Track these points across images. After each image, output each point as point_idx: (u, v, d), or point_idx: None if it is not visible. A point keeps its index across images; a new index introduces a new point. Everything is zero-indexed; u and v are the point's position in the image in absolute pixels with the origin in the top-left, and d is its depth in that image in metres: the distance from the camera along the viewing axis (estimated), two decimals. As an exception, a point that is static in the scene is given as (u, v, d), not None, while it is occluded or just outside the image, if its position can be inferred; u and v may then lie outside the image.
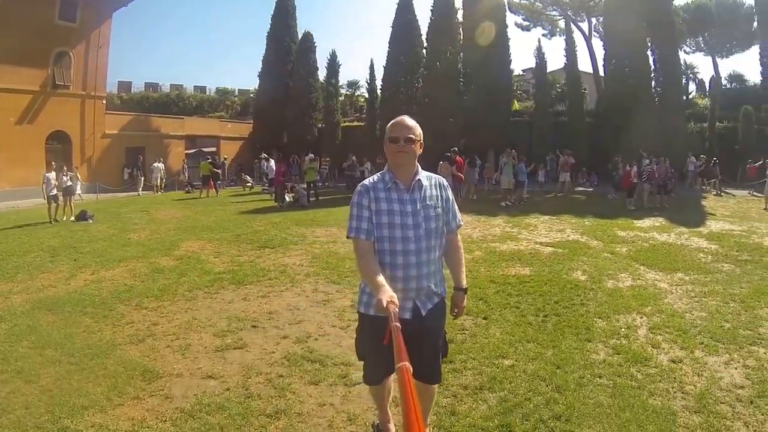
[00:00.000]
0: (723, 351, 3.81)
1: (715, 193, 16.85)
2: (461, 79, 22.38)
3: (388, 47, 23.35)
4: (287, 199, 13.27)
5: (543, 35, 29.75)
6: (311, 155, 16.42)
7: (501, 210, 12.14)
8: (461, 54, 22.47)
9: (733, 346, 3.89)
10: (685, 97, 24.67)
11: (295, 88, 24.61)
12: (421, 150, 2.13)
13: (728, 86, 30.98)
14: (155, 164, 20.09)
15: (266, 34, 26.11)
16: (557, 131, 21.22)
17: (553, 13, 28.89)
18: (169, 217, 11.94)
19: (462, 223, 2.29)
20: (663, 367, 3.54)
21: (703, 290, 5.36)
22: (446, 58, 21.88)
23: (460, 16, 22.73)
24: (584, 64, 25.08)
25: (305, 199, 13.38)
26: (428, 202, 2.08)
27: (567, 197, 15.14)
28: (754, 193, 15.94)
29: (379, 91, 24.23)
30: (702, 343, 3.94)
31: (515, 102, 26.16)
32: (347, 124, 27.43)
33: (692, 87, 32.08)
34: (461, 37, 22.57)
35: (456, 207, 2.24)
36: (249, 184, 20.69)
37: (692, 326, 4.31)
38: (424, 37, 23.01)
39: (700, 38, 29.09)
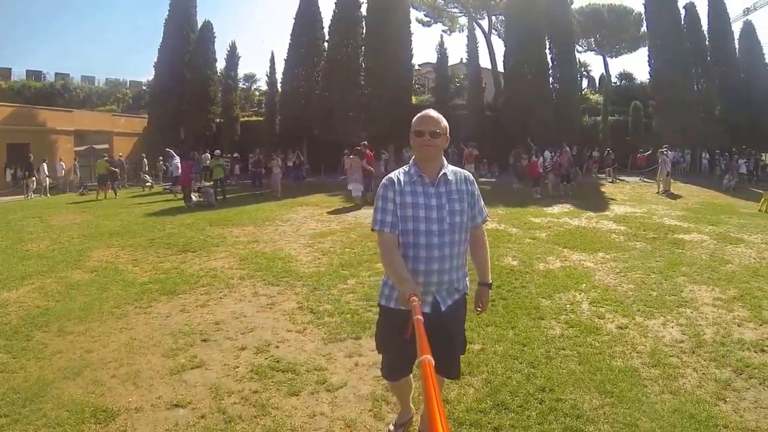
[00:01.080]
0: (658, 315, 4.58)
1: (610, 180, 19.99)
2: (362, 73, 23.18)
3: (290, 40, 23.77)
4: (194, 198, 13.21)
5: (443, 31, 32.31)
6: (217, 151, 16.38)
7: None
8: (363, 48, 23.34)
9: (664, 310, 4.69)
10: (579, 93, 28.60)
11: (193, 81, 24.35)
12: (447, 144, 2.23)
13: (618, 83, 37.00)
14: (44, 164, 18.64)
15: (164, 21, 25.60)
16: (458, 125, 23.10)
17: (454, 9, 31.61)
18: (68, 222, 10.83)
19: (488, 218, 2.38)
20: (613, 334, 4.13)
21: (625, 266, 6.33)
22: (348, 51, 22.68)
23: (363, 9, 23.67)
24: (483, 60, 27.53)
25: (213, 198, 13.36)
26: (453, 197, 2.17)
27: None
28: (645, 180, 19.41)
29: (279, 85, 24.73)
30: (639, 311, 4.68)
31: (413, 96, 27.66)
32: (246, 119, 27.51)
33: (585, 83, 37.66)
34: (364, 31, 23.49)
35: (482, 202, 2.32)
36: (148, 184, 19.60)
37: (626, 297, 5.08)
38: (326, 30, 23.72)
39: (592, 39, 34.28)
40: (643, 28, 30.42)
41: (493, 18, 31.38)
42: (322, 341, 3.98)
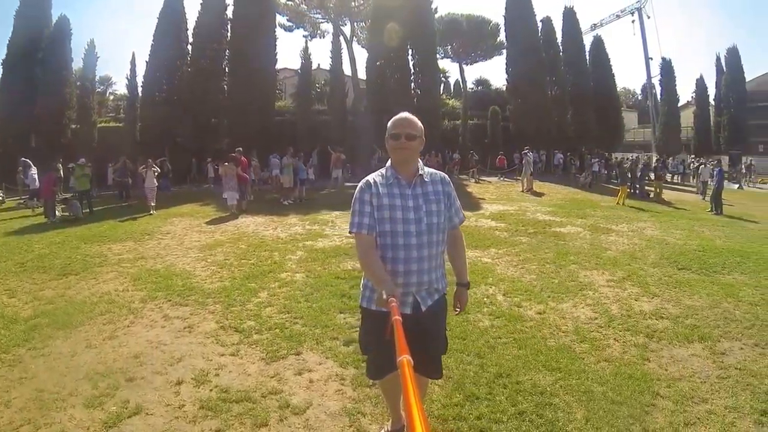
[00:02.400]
0: (566, 299, 5.45)
1: (473, 180, 22.67)
2: (226, 78, 24.13)
3: (153, 40, 23.75)
4: (58, 213, 12.58)
5: (305, 36, 33.44)
6: (82, 160, 15.50)
7: (286, 209, 12.99)
8: (227, 51, 24.19)
9: (570, 294, 5.62)
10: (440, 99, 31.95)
11: (46, 82, 23.17)
12: (422, 147, 2.41)
13: (475, 89, 42.21)
14: None
15: (14, 14, 24.26)
16: (321, 130, 24.29)
17: (317, 15, 33.07)
18: None
19: (464, 218, 2.56)
20: (536, 319, 4.81)
21: (520, 259, 7.33)
22: (212, 54, 23.47)
23: (229, 12, 24.29)
24: (344, 66, 28.52)
25: (79, 211, 12.63)
26: (430, 198, 2.34)
27: (341, 192, 17.29)
28: (505, 179, 22.72)
29: (140, 89, 24.66)
30: (549, 297, 5.51)
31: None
32: (104, 124, 27.01)
33: (442, 89, 41.80)
34: (229, 34, 24.25)
35: (458, 203, 2.51)
36: None
37: (533, 286, 5.92)
38: (191, 32, 24.24)
39: (449, 47, 38.57)
40: (500, 38, 35.59)
41: (356, 24, 33.66)
42: (262, 362, 3.80)
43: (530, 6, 30.01)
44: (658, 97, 41.46)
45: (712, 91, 43.41)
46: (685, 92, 53.37)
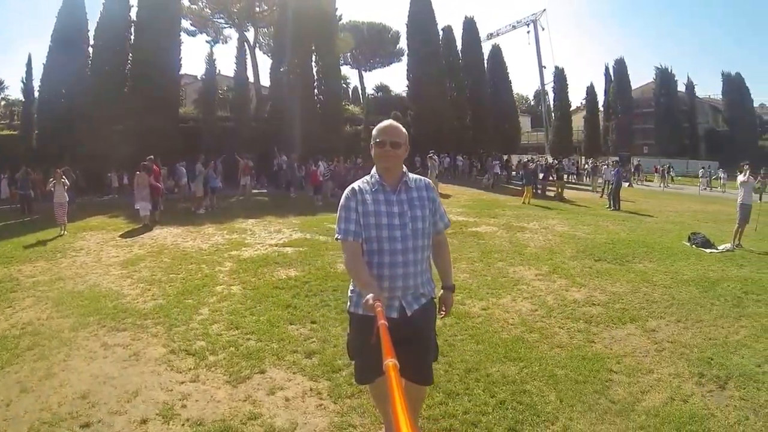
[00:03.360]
0: (504, 294, 5.90)
1: None
2: (128, 83, 23.44)
3: (51, 42, 22.70)
4: None
5: (207, 42, 33.42)
6: None
7: (201, 219, 12.44)
8: (131, 55, 23.60)
9: (505, 289, 6.10)
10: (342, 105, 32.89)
11: None
12: (407, 154, 2.50)
13: (376, 95, 43.86)
14: None
15: None
16: (226, 137, 23.82)
17: (220, 20, 32.86)
18: None
19: (449, 223, 2.66)
20: (483, 315, 5.16)
21: None
22: (114, 58, 22.90)
23: (133, 14, 23.71)
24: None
25: None
26: (415, 203, 2.43)
27: (251, 200, 17.03)
28: None
29: (36, 93, 23.53)
30: (488, 293, 5.93)
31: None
32: None
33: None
34: (132, 37, 23.70)
35: (443, 208, 2.61)
36: None
37: (469, 284, 6.32)
38: (92, 33, 23.36)
39: (349, 54, 39.54)
40: (399, 45, 37.46)
41: (259, 30, 34.01)
42: (228, 385, 3.56)
43: (432, 15, 32.07)
44: (551, 102, 45.92)
45: (601, 98, 49.84)
46: (577, 98, 60.42)
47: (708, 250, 8.71)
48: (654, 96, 49.50)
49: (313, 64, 26.55)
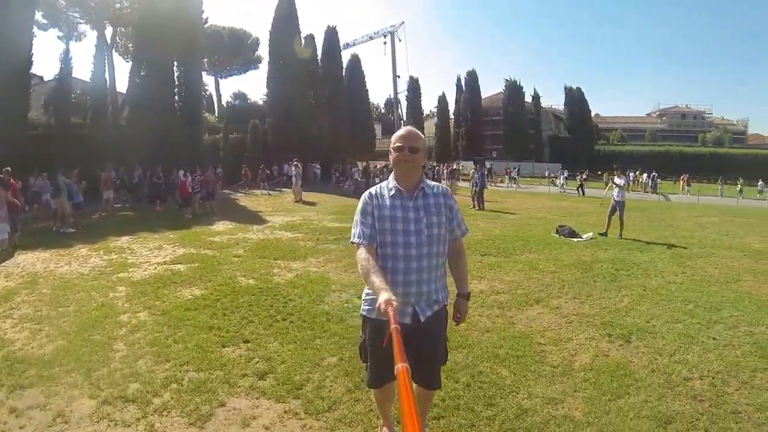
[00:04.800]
0: None
1: (244, 193, 23.45)
2: None
3: None
4: None
5: (59, 38, 29.84)
6: None
7: (67, 239, 10.72)
8: None
9: None
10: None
11: None
12: (425, 160, 2.64)
13: (234, 102, 42.68)
14: None
15: None
16: (82, 146, 21.13)
17: (75, 14, 29.42)
18: None
19: (467, 230, 2.72)
20: None
21: (344, 264, 7.86)
22: None
23: None
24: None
25: None
26: (431, 210, 2.50)
27: (115, 215, 15.35)
28: (270, 192, 23.74)
29: None
30: None
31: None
32: None
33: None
34: None
35: (461, 216, 2.67)
36: None
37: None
38: None
39: (206, 60, 37.45)
40: (258, 52, 36.88)
41: (117, 30, 31.59)
42: (194, 428, 3.19)
43: (296, 23, 32.33)
44: (404, 110, 49.02)
45: (452, 106, 54.55)
46: (430, 107, 65.75)
47: (575, 239, 10.51)
48: (503, 105, 55.83)
49: (174, 68, 24.95)
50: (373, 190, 2.57)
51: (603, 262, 8.23)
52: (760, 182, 33.96)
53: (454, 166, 33.46)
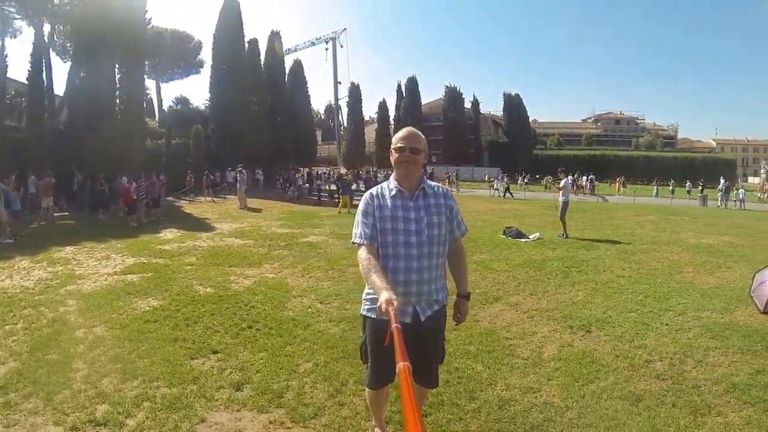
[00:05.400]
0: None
1: (188, 200, 23.00)
2: None
3: None
4: None
5: None
6: None
7: (6, 249, 9.98)
8: None
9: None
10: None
11: None
12: (426, 160, 2.66)
13: (175, 107, 41.25)
14: None
15: None
16: (17, 150, 19.85)
17: (11, 9, 27.54)
18: None
19: (466, 231, 2.75)
20: None
21: (299, 270, 7.89)
22: None
23: None
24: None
25: None
26: (432, 210, 2.53)
27: (56, 224, 14.45)
28: (214, 199, 23.36)
29: None
30: (357, 298, 6.23)
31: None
32: None
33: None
34: None
35: (461, 216, 2.70)
36: None
37: (337, 292, 6.53)
38: None
39: (147, 62, 36.12)
40: (200, 56, 35.91)
41: (55, 28, 29.81)
42: None
43: (241, 28, 31.65)
44: (345, 116, 49.13)
45: (393, 112, 55.26)
46: (371, 113, 66.65)
47: (522, 240, 10.88)
48: (443, 111, 57.18)
49: (116, 70, 23.78)
50: (374, 190, 2.59)
51: (553, 261, 8.66)
52: (688, 183, 36.60)
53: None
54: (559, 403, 3.43)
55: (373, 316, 2.51)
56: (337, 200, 22.01)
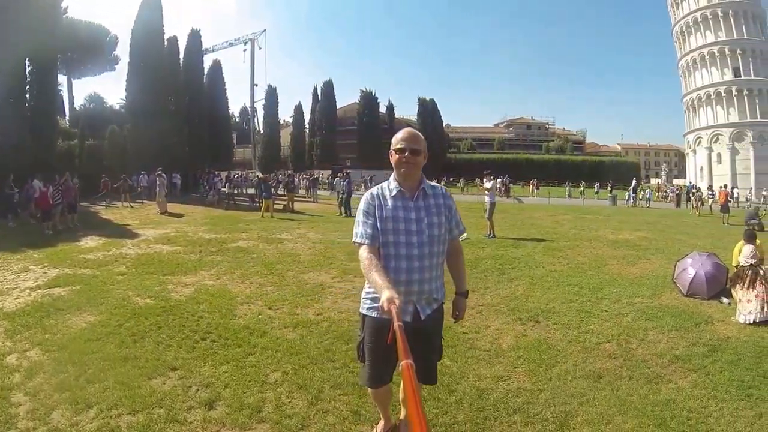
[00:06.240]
0: (319, 299, 6.45)
1: (104, 205, 21.63)
2: None
3: None
4: None
5: None
6: None
7: None
8: None
9: (316, 295, 6.61)
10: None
11: None
12: (426, 162, 2.68)
13: (88, 106, 38.62)
14: None
15: None
16: None
17: None
18: None
19: (464, 230, 2.83)
20: (330, 319, 5.58)
21: (237, 276, 7.70)
22: None
23: None
24: None
25: None
26: (432, 210, 2.60)
27: None
28: (132, 204, 22.13)
29: None
30: (303, 301, 6.27)
31: None
32: None
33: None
34: None
35: (459, 216, 2.79)
36: None
37: (282, 297, 6.47)
38: None
39: (59, 56, 33.24)
40: (115, 51, 33.68)
41: None
42: None
43: (161, 24, 30.03)
44: (260, 119, 48.24)
45: (308, 116, 55.03)
46: (287, 116, 66.11)
47: None
48: (358, 115, 57.87)
49: (27, 63, 21.77)
50: (374, 190, 2.63)
51: (486, 259, 9.12)
52: (597, 184, 39.83)
53: (316, 176, 33.97)
54: (531, 387, 3.73)
55: (373, 315, 2.55)
56: (257, 204, 21.79)
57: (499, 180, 14.06)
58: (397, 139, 2.59)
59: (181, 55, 33.43)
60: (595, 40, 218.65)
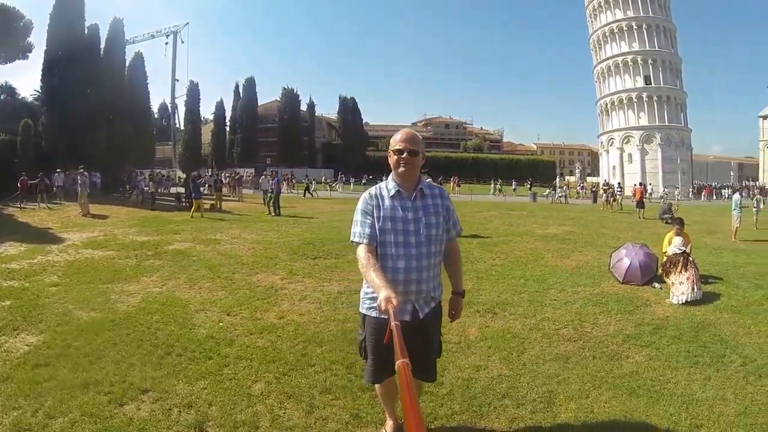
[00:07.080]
0: (277, 301, 6.47)
1: (20, 207, 20.08)
2: None
3: None
4: None
5: None
6: None
7: None
8: None
9: (271, 297, 6.60)
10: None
11: None
12: (423, 162, 2.77)
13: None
14: None
15: None
16: None
17: None
18: None
19: (461, 230, 2.91)
20: (293, 322, 5.56)
21: (183, 281, 7.43)
22: None
23: None
24: None
25: None
26: (430, 210, 2.67)
27: None
28: (50, 205, 20.83)
29: None
30: (266, 304, 6.26)
31: None
32: None
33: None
34: None
35: (456, 216, 2.84)
36: None
37: (238, 301, 6.37)
38: None
39: None
40: (29, 39, 30.73)
41: None
42: None
43: (82, 8, 27.90)
44: (181, 116, 46.25)
45: (230, 113, 53.68)
46: (208, 113, 63.83)
47: None
48: (278, 112, 57.21)
49: None
50: (372, 190, 2.69)
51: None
52: (514, 182, 42.17)
53: (241, 174, 33.23)
54: (510, 373, 4.08)
55: (373, 314, 2.62)
56: (184, 204, 21.16)
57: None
58: (396, 141, 2.65)
59: (102, 45, 30.96)
60: (512, 46, 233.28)
